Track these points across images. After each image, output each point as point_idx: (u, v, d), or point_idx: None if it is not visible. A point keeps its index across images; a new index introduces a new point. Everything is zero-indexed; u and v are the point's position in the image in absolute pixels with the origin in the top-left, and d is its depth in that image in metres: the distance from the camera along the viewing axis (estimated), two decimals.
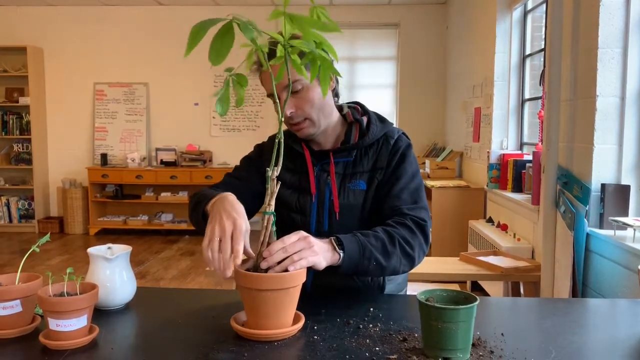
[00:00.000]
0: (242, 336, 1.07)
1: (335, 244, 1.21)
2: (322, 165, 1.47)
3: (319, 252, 1.16)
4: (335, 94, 1.51)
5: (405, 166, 1.44)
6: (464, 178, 5.20)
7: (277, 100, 1.20)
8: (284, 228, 1.37)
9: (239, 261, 1.09)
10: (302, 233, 1.17)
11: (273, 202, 1.11)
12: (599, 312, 1.36)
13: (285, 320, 1.08)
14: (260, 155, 1.57)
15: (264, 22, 1.03)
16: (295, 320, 1.11)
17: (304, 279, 1.10)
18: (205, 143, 6.58)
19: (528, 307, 1.42)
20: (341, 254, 1.21)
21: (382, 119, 1.52)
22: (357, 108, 1.55)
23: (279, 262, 1.09)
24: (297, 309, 1.12)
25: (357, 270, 1.24)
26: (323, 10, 0.99)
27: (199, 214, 1.33)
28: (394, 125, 1.54)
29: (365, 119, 1.50)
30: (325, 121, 1.44)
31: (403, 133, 1.53)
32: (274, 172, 1.10)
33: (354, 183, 1.44)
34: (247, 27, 0.90)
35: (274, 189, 1.11)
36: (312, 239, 1.16)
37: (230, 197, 1.23)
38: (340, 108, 1.55)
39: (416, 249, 1.32)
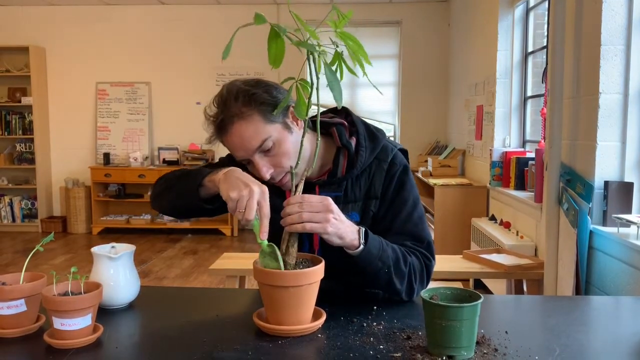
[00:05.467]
0: (265, 332, 1.08)
1: (360, 233, 1.19)
2: None
3: (334, 225, 1.13)
4: (307, 126, 1.17)
5: (404, 195, 1.33)
6: (466, 176, 5.20)
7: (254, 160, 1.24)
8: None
9: (267, 222, 1.10)
10: (329, 199, 1.14)
11: None
12: (602, 309, 1.36)
13: (303, 316, 1.08)
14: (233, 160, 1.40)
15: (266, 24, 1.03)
16: (316, 316, 1.11)
17: (321, 275, 1.09)
18: None
19: (532, 304, 1.42)
20: (362, 245, 1.18)
21: (372, 137, 1.36)
22: (344, 124, 1.36)
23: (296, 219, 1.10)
24: None
25: (367, 269, 1.21)
26: (343, 15, 1.01)
27: (192, 183, 1.28)
28: (387, 138, 1.39)
29: (353, 140, 1.34)
30: (306, 164, 1.28)
31: (399, 149, 1.39)
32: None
33: (346, 215, 1.25)
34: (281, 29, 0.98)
35: (299, 186, 1.14)
36: (335, 208, 1.14)
37: (240, 170, 1.20)
38: (325, 125, 1.36)
39: (417, 283, 1.28)
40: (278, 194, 1.31)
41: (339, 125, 1.36)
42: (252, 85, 1.24)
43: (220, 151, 1.61)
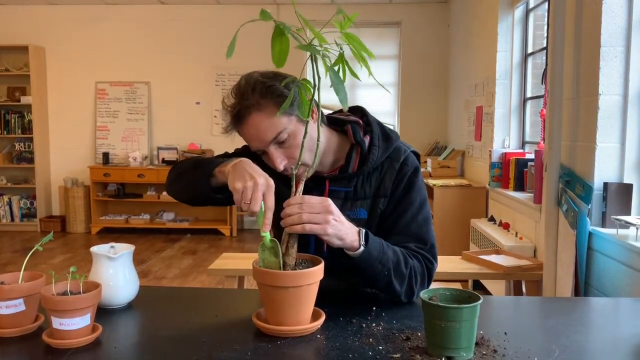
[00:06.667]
0: (264, 332, 1.08)
1: (361, 235, 1.19)
2: (319, 192, 1.33)
3: (334, 226, 1.13)
4: (322, 121, 1.32)
5: (412, 196, 1.33)
6: (465, 177, 5.20)
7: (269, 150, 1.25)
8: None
9: (271, 214, 1.11)
10: (329, 201, 1.14)
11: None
12: (601, 310, 1.36)
13: (303, 316, 1.08)
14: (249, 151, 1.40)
15: (267, 23, 1.03)
16: (315, 317, 1.11)
17: (321, 276, 1.09)
18: (206, 142, 6.58)
19: (531, 306, 1.42)
20: (362, 247, 1.18)
21: (386, 137, 1.37)
22: (359, 123, 1.39)
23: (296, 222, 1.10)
24: None
25: (367, 270, 1.21)
26: (348, 17, 1.01)
27: (203, 173, 1.28)
28: (400, 141, 1.39)
29: (367, 139, 1.36)
30: (318, 158, 1.25)
31: (412, 151, 1.39)
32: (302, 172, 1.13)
33: (354, 211, 1.33)
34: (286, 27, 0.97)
35: (299, 187, 1.13)
36: (334, 209, 1.14)
37: (250, 162, 1.20)
38: (341, 122, 1.40)
39: (418, 286, 1.29)
40: (289, 185, 1.31)
41: (353, 123, 1.38)
42: (270, 78, 1.25)
43: (220, 150, 1.59)
